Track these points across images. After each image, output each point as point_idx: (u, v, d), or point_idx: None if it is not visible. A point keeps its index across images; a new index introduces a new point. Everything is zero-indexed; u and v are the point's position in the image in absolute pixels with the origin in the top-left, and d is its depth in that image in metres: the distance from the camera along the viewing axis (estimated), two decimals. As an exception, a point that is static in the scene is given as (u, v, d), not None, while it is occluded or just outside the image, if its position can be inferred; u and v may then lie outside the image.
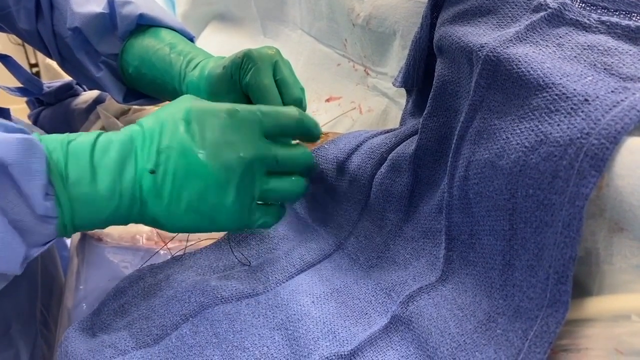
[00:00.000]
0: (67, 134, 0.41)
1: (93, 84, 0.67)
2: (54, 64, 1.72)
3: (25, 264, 0.38)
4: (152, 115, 0.43)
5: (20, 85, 0.79)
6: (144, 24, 0.61)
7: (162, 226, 0.42)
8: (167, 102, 0.65)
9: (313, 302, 0.43)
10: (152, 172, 0.40)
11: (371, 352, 0.38)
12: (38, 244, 0.38)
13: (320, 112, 0.72)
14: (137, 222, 0.42)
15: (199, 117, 0.41)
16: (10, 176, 0.35)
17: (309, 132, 0.46)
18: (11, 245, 0.36)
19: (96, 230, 0.58)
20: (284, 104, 0.50)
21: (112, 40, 0.61)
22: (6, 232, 0.35)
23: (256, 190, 0.43)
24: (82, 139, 0.40)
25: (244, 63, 0.50)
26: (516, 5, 0.40)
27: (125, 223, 0.42)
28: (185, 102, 0.43)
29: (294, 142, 0.48)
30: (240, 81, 0.51)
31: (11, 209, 0.35)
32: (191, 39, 0.64)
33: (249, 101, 0.52)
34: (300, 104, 0.51)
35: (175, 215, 0.41)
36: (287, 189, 0.45)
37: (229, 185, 0.41)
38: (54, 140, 0.39)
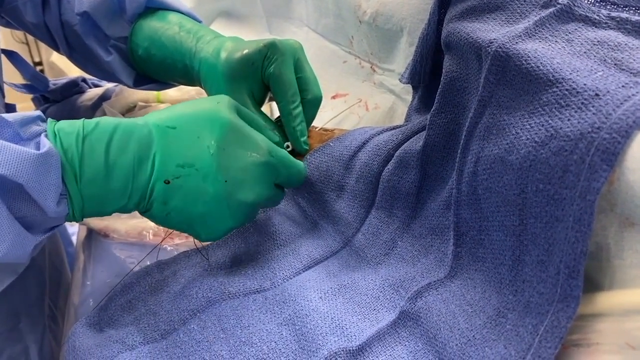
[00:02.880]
0: (82, 122, 0.40)
1: (102, 74, 0.67)
2: (58, 62, 1.72)
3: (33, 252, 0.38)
4: (179, 116, 0.43)
5: (26, 82, 0.79)
6: (152, 7, 0.61)
7: (156, 223, 0.45)
8: (177, 85, 0.65)
9: (321, 297, 0.43)
10: (167, 182, 0.41)
11: (379, 347, 0.38)
12: (45, 231, 0.39)
13: (327, 109, 0.72)
14: (140, 213, 0.44)
15: (233, 145, 0.42)
16: (25, 193, 0.35)
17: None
18: (22, 242, 0.36)
19: (103, 225, 0.58)
20: (304, 100, 0.53)
21: (121, 23, 0.61)
22: (18, 233, 0.36)
23: (249, 220, 0.46)
24: (98, 131, 0.40)
25: (269, 53, 0.51)
26: (525, 1, 0.40)
27: (129, 212, 0.44)
28: (223, 115, 0.43)
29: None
30: (262, 69, 0.52)
31: (23, 213, 0.36)
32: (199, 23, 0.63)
33: (266, 89, 0.53)
34: (319, 102, 0.54)
35: (170, 222, 0.43)
36: None
37: (231, 218, 0.43)
38: (69, 135, 0.39)
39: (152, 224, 0.58)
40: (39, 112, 0.39)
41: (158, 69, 0.61)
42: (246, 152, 0.43)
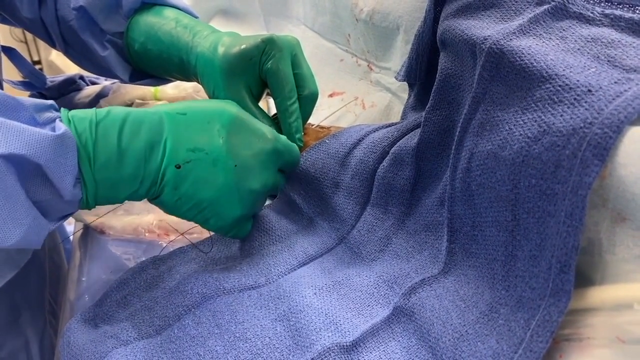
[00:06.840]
0: (94, 110, 0.41)
1: (98, 69, 0.67)
2: (56, 61, 1.72)
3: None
4: (189, 106, 0.44)
5: (24, 79, 0.79)
6: (149, 2, 0.61)
7: (165, 210, 0.45)
8: (174, 81, 0.65)
9: (315, 293, 0.43)
10: (178, 166, 0.42)
11: (373, 342, 0.38)
12: (58, 219, 0.40)
13: (324, 107, 0.72)
14: (150, 200, 0.45)
15: (241, 132, 0.44)
16: (44, 174, 0.36)
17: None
18: (39, 228, 0.37)
19: (99, 222, 0.58)
20: (301, 96, 0.53)
21: (117, 18, 0.61)
22: (35, 218, 0.36)
23: (256, 210, 0.48)
24: (110, 118, 0.40)
25: (267, 48, 0.52)
26: (520, -2, 0.40)
27: (140, 199, 0.44)
28: (231, 108, 0.45)
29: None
30: (260, 65, 0.52)
31: (40, 196, 0.37)
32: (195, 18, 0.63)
33: (263, 84, 0.54)
34: (316, 98, 0.55)
35: (180, 208, 0.44)
36: None
37: (240, 204, 0.44)
38: (83, 120, 0.39)
39: (148, 220, 0.58)
40: (52, 102, 0.40)
41: (154, 64, 0.61)
42: (255, 138, 0.45)
